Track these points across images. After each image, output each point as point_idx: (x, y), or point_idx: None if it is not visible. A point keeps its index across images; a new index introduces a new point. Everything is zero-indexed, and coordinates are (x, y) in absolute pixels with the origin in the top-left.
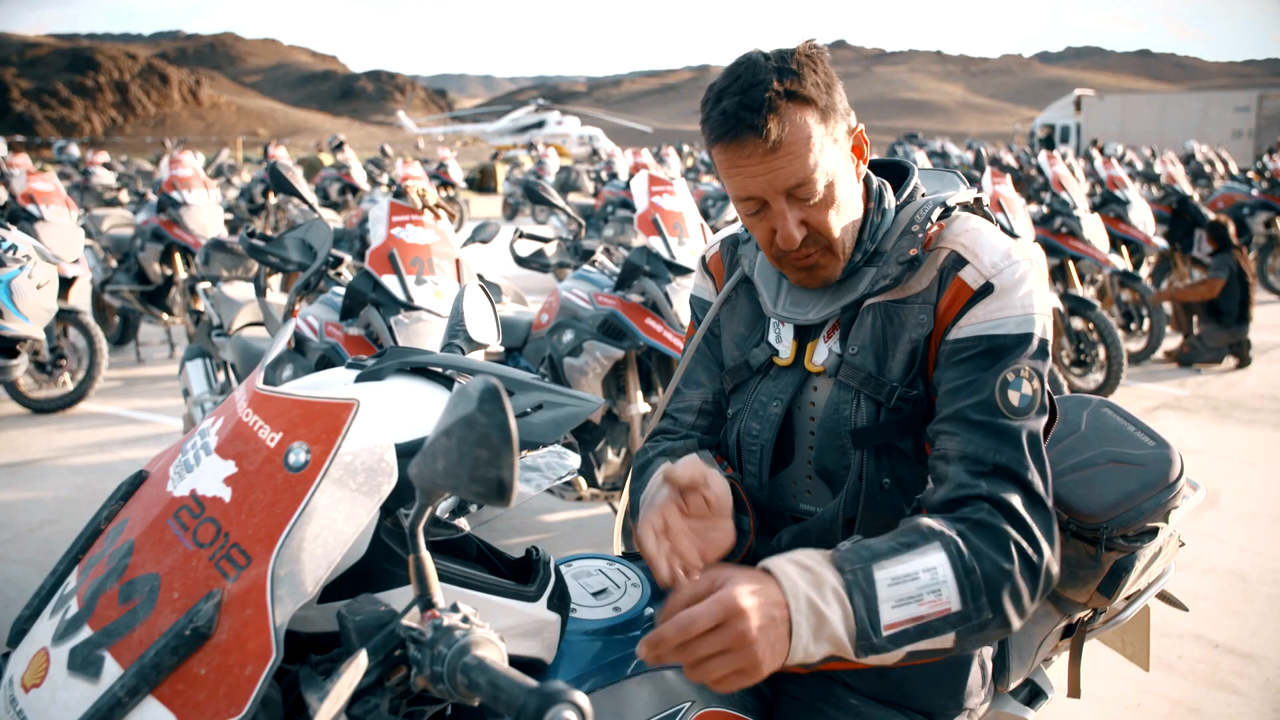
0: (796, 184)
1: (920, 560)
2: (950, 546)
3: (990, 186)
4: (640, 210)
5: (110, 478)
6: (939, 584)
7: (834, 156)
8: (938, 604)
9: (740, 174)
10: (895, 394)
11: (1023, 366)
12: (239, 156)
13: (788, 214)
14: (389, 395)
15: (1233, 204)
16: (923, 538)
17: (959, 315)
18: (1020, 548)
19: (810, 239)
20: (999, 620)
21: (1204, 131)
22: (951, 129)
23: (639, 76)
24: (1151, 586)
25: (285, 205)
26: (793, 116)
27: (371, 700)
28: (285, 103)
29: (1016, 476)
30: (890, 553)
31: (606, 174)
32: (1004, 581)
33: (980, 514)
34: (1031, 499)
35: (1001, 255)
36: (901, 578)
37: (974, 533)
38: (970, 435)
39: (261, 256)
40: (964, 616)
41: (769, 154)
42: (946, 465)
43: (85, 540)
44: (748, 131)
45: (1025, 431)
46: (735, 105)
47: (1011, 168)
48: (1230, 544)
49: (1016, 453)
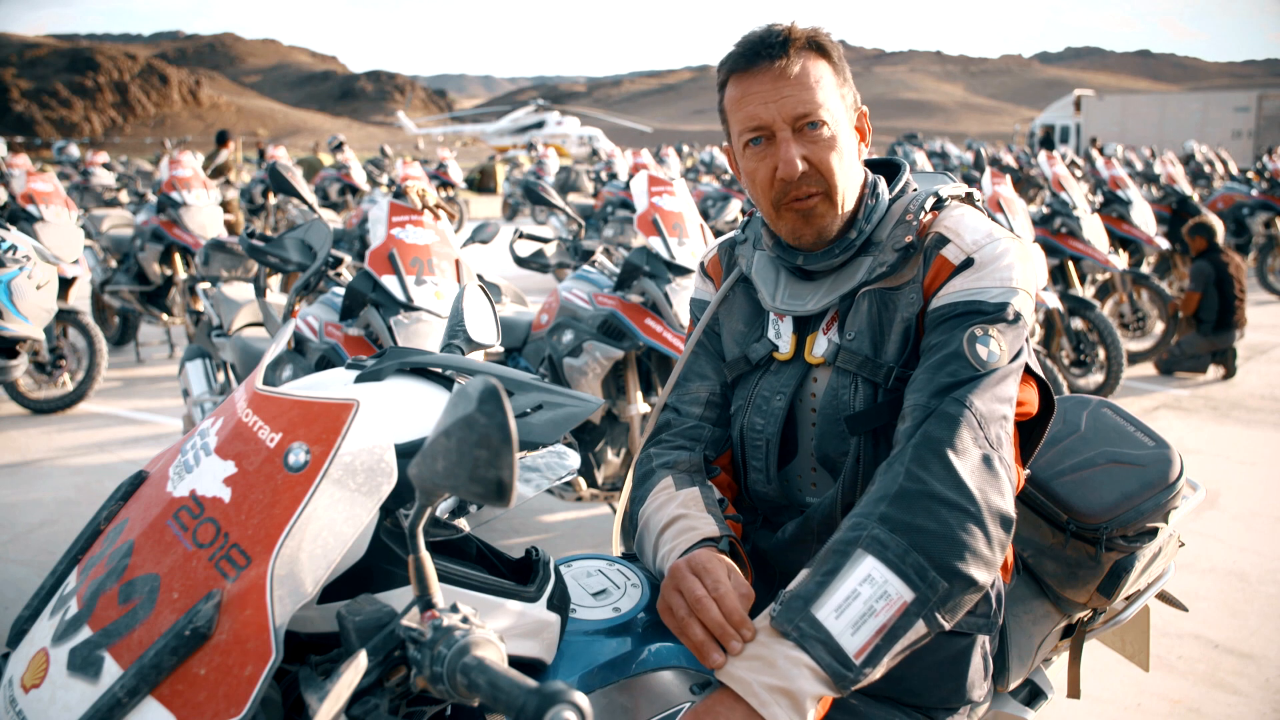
0: (804, 113)
1: (852, 577)
2: (873, 545)
3: (990, 187)
4: (640, 210)
5: (110, 478)
6: (882, 586)
7: (839, 109)
8: (891, 604)
9: (751, 101)
10: (892, 375)
11: (991, 327)
12: (239, 158)
13: (791, 144)
14: (389, 396)
15: (1232, 204)
16: (842, 555)
17: (941, 288)
18: (950, 505)
19: (811, 176)
20: (961, 583)
21: (1204, 132)
22: (951, 129)
23: (639, 77)
24: (1151, 587)
25: (285, 205)
26: (809, 57)
27: (371, 701)
28: (285, 103)
29: (964, 418)
30: (820, 588)
31: (606, 174)
32: (941, 544)
33: (899, 483)
34: (976, 444)
35: (984, 235)
36: (843, 603)
37: (896, 509)
38: (929, 386)
39: (261, 257)
40: (922, 600)
41: (781, 79)
42: (901, 424)
43: (85, 541)
44: (764, 60)
45: (987, 390)
46: (758, 39)
47: (1011, 168)
48: (1230, 544)
49: (968, 393)
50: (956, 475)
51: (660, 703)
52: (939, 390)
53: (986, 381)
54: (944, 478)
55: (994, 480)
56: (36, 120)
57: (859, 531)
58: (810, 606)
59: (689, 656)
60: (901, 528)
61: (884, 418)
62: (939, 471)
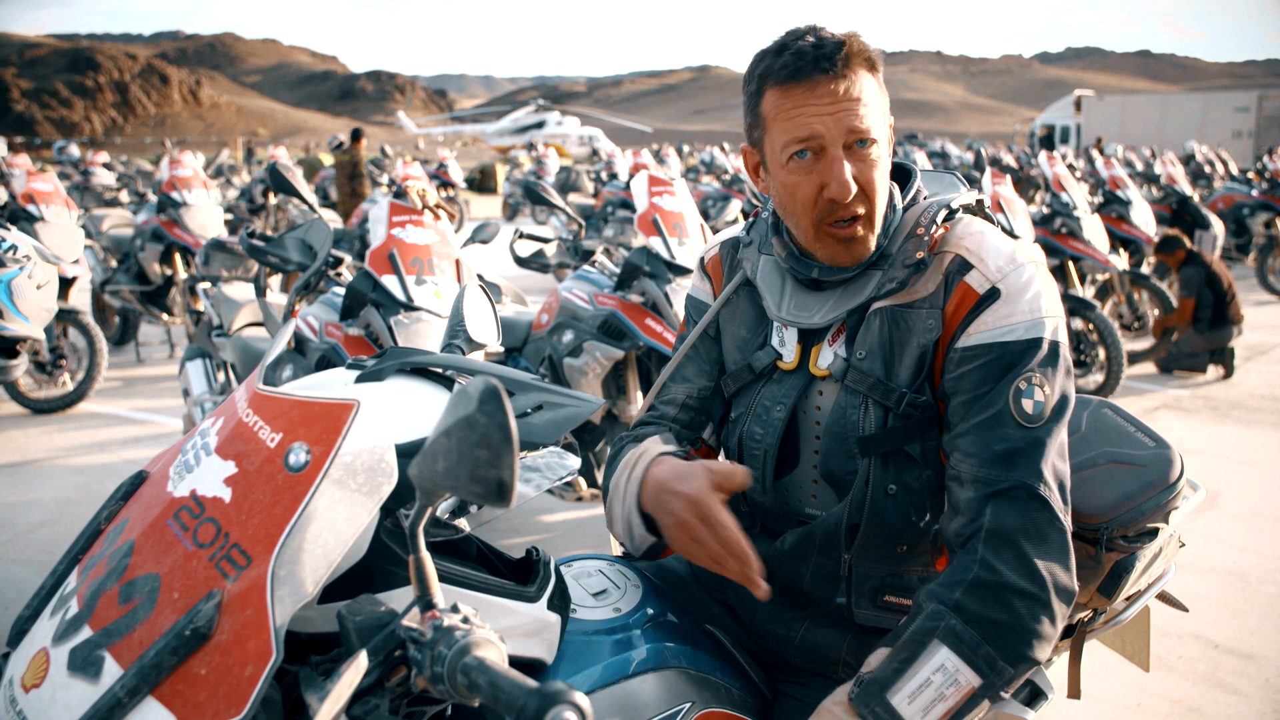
0: (862, 131)
1: (927, 666)
2: (949, 637)
3: (990, 187)
4: (640, 211)
5: (110, 478)
6: (953, 674)
7: (884, 127)
8: (959, 690)
9: (805, 112)
10: (904, 400)
11: (1034, 374)
12: (239, 157)
13: (844, 162)
14: (389, 396)
15: (1233, 204)
16: (919, 645)
17: (967, 321)
18: (1023, 595)
19: (859, 196)
20: (1025, 665)
21: (1204, 132)
22: (951, 129)
23: (639, 77)
24: (1151, 587)
25: (285, 205)
26: (864, 72)
27: (372, 701)
28: (285, 103)
29: (1031, 494)
30: (896, 674)
31: (606, 174)
32: (1013, 637)
33: (974, 571)
34: (1048, 523)
35: (1007, 259)
36: (916, 690)
37: (972, 599)
38: (984, 454)
39: (261, 257)
40: (989, 686)
41: (841, 96)
42: (960, 489)
43: (85, 540)
44: (822, 72)
45: (1041, 445)
46: (812, 47)
47: (1011, 168)
48: (1230, 544)
49: (1032, 471)
50: (1030, 564)
51: (660, 703)
52: (997, 460)
53: (1043, 444)
54: (1017, 567)
55: (1064, 557)
56: (37, 120)
57: (937, 621)
58: (885, 692)
59: (690, 657)
60: (975, 620)
61: (896, 442)
62: (1011, 560)
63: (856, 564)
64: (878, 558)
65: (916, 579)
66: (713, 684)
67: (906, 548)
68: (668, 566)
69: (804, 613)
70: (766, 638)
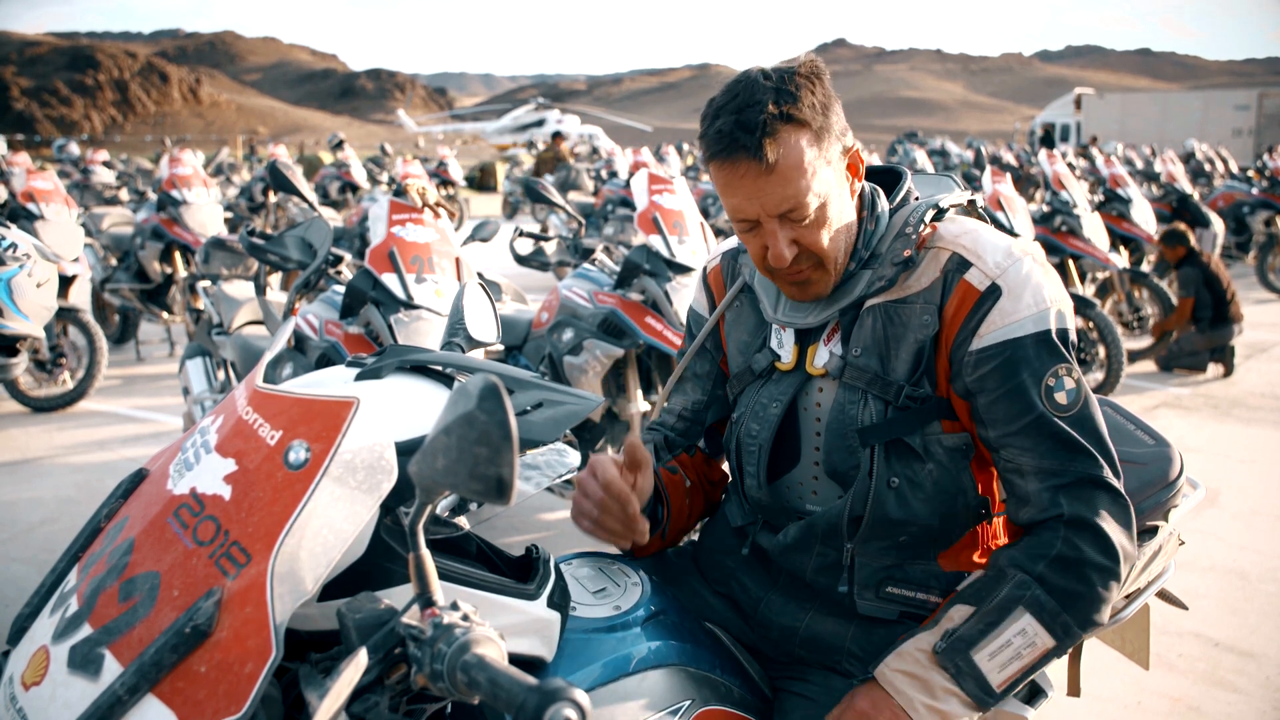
0: (789, 208)
1: (1011, 628)
2: (1033, 604)
3: (990, 185)
4: (640, 209)
5: (110, 476)
6: (1032, 638)
7: (827, 178)
8: (1036, 650)
9: (734, 193)
10: (902, 393)
11: (1057, 367)
12: (239, 155)
13: (779, 234)
14: (389, 393)
15: (1233, 202)
16: (1005, 610)
17: (971, 321)
18: (1100, 569)
19: (802, 256)
20: (1092, 629)
21: (1204, 130)
22: (951, 127)
23: (639, 75)
24: (1151, 585)
25: (285, 204)
26: (787, 139)
27: (371, 698)
28: (285, 101)
29: (1096, 480)
30: (981, 635)
31: (606, 172)
32: (1087, 605)
33: (1058, 547)
34: (1113, 501)
35: (1004, 254)
36: (998, 649)
37: (1055, 573)
38: (1040, 448)
39: (261, 255)
40: (1060, 648)
41: (762, 176)
42: (1024, 481)
43: (85, 538)
44: (742, 152)
45: (1085, 427)
46: (731, 124)
47: (1011, 166)
48: (1230, 542)
49: (1088, 457)
50: (1107, 541)
51: (660, 700)
52: (1054, 453)
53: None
54: (1095, 545)
55: (1130, 527)
56: (37, 118)
57: (1024, 591)
58: (970, 649)
59: (690, 655)
60: (1058, 592)
61: (895, 432)
62: (1091, 539)
63: (859, 555)
64: (880, 549)
65: (919, 570)
66: (712, 682)
67: (908, 540)
68: (669, 563)
69: (808, 604)
70: (770, 629)
